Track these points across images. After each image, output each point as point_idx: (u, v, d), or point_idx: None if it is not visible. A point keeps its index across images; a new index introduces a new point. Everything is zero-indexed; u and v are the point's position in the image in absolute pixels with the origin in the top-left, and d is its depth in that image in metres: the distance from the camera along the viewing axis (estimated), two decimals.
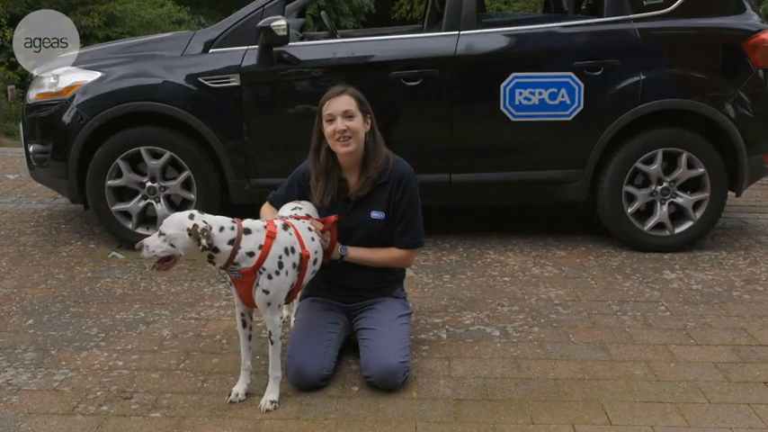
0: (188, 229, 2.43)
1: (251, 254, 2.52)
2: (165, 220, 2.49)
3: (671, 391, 2.72)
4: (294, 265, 2.62)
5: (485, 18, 5.04)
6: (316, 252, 2.74)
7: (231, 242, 2.49)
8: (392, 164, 2.89)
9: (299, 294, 3.08)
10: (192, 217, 2.46)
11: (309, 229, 2.76)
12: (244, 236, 2.52)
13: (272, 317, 2.60)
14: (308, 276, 2.73)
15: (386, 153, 2.90)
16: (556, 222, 4.96)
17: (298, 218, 2.79)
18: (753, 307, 3.53)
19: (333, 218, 2.84)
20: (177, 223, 2.45)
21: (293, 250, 2.62)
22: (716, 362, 2.96)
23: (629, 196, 4.27)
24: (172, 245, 2.43)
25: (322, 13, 5.15)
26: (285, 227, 2.66)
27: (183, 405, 2.63)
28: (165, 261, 2.47)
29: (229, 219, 2.55)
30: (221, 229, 2.49)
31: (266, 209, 3.04)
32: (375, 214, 2.89)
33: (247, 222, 2.59)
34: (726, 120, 4.15)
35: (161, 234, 2.44)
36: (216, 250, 2.46)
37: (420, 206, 2.95)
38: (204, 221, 2.46)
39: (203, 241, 2.42)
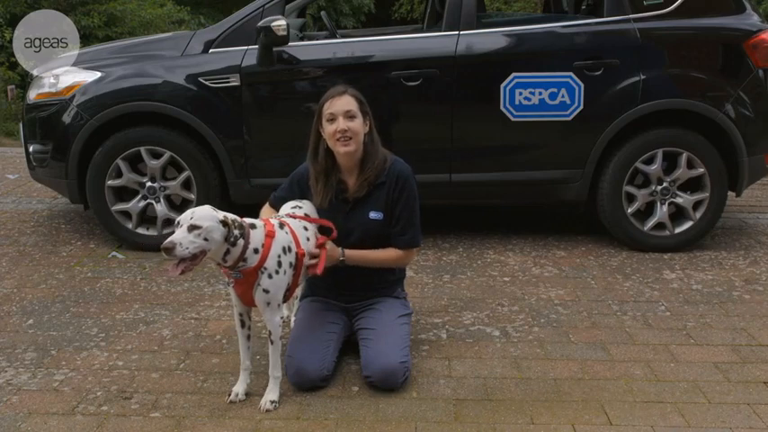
0: (221, 221, 2.40)
1: (256, 250, 2.52)
2: (191, 215, 2.38)
3: (671, 391, 2.72)
4: (291, 264, 2.62)
5: (485, 18, 5.04)
6: (310, 252, 2.73)
7: (242, 237, 2.49)
8: (389, 164, 2.88)
9: (298, 294, 3.09)
10: (216, 210, 2.44)
11: (305, 228, 2.76)
12: (251, 231, 2.52)
13: (272, 316, 2.60)
14: (302, 275, 2.73)
15: (383, 154, 2.90)
16: (556, 222, 4.96)
17: (294, 217, 2.79)
18: (753, 307, 3.53)
19: (322, 239, 2.78)
20: (209, 216, 2.39)
21: (290, 249, 2.62)
22: (716, 362, 2.96)
23: (629, 196, 4.27)
24: (206, 239, 2.36)
25: (322, 13, 5.15)
26: (281, 226, 2.66)
27: (183, 405, 2.63)
28: (192, 260, 2.37)
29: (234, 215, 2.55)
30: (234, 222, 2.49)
31: (266, 210, 3.04)
32: (373, 215, 2.89)
33: (248, 220, 2.59)
34: (726, 120, 4.15)
35: (193, 228, 2.35)
36: (234, 244, 2.44)
37: (418, 206, 2.94)
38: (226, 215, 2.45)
39: (236, 232, 2.41)
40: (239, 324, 2.68)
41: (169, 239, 2.33)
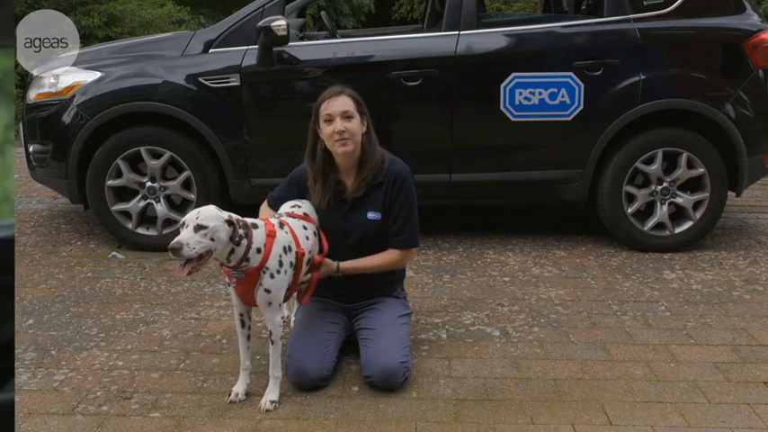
0: (226, 221, 2.41)
1: (258, 250, 2.52)
2: (197, 215, 2.38)
3: (671, 391, 2.72)
4: (291, 263, 2.62)
5: (485, 18, 5.04)
6: (309, 252, 2.74)
7: (246, 236, 2.49)
8: (387, 164, 2.88)
9: (296, 294, 3.08)
10: (220, 210, 2.44)
11: (304, 228, 2.76)
12: (253, 231, 2.52)
13: (273, 316, 2.60)
14: (302, 275, 2.73)
15: (381, 154, 2.89)
16: (556, 222, 4.96)
17: (294, 216, 2.79)
18: (753, 307, 3.53)
19: (319, 258, 2.80)
20: (214, 216, 2.40)
21: (290, 249, 2.63)
22: (716, 362, 2.96)
23: (629, 196, 4.27)
24: (212, 239, 2.37)
25: (322, 13, 5.15)
26: (281, 225, 2.66)
27: (183, 405, 2.63)
28: (198, 260, 2.37)
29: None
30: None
31: (264, 209, 3.04)
32: (371, 215, 2.88)
33: (249, 220, 2.59)
34: (726, 120, 4.15)
35: (200, 228, 2.35)
36: (238, 243, 2.44)
37: (416, 206, 2.93)
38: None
39: (240, 231, 2.42)
40: (239, 324, 2.69)
41: (176, 240, 2.33)
